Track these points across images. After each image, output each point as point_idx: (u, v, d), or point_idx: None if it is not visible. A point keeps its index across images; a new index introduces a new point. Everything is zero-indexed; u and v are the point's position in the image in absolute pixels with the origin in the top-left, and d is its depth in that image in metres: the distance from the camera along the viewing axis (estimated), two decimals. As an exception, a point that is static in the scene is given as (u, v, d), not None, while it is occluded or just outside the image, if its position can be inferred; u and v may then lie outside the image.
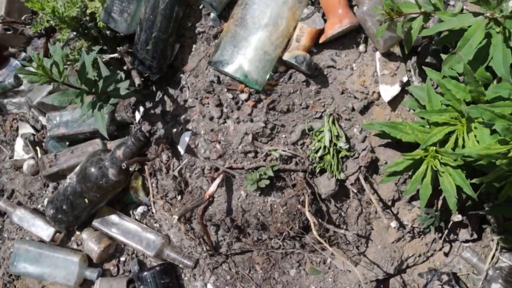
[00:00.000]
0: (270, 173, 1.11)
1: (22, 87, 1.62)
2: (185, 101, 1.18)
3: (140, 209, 1.45)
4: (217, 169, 1.16)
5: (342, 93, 1.13)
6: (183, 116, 1.18)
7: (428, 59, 1.10)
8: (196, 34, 1.16)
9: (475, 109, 0.92)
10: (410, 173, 1.13)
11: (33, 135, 1.65)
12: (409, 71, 1.13)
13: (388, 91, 1.11)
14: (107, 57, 1.12)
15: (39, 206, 1.56)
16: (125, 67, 1.17)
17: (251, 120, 1.12)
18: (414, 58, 1.13)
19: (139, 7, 1.12)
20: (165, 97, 1.21)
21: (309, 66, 1.06)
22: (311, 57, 1.07)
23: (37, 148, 1.60)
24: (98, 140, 1.45)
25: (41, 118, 1.62)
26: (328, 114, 1.12)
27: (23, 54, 1.65)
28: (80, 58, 1.07)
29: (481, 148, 0.87)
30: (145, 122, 1.25)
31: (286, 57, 1.07)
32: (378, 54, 1.12)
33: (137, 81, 1.11)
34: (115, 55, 1.11)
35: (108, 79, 1.06)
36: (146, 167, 1.33)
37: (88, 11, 1.12)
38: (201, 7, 1.15)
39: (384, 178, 1.07)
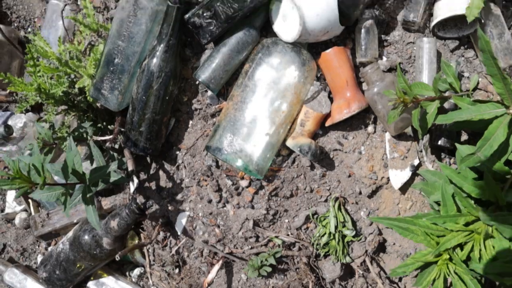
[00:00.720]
0: (272, 261, 1.05)
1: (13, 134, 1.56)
2: (182, 180, 1.11)
3: (137, 271, 1.40)
4: (216, 253, 1.10)
5: (349, 176, 1.05)
6: (179, 196, 1.11)
7: (441, 142, 1.02)
8: (193, 110, 1.08)
9: (490, 219, 0.85)
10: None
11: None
12: (421, 151, 1.06)
13: (398, 177, 1.03)
14: (97, 138, 1.05)
15: (32, 262, 1.51)
16: (116, 145, 1.10)
17: (252, 207, 1.05)
18: (426, 138, 1.05)
19: (131, 83, 1.04)
20: (160, 172, 1.14)
21: (315, 156, 0.98)
22: (316, 144, 0.99)
23: (30, 200, 1.54)
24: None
25: (32, 167, 1.55)
26: (334, 199, 1.05)
27: (14, 97, 1.58)
28: (68, 140, 1.01)
29: (498, 265, 0.80)
30: (139, 195, 1.18)
31: (289, 144, 1.00)
32: (387, 135, 1.05)
33: (130, 166, 1.03)
34: (107, 138, 1.04)
35: (98, 171, 0.99)
36: (142, 235, 1.27)
37: (77, 86, 1.04)
38: (197, 82, 1.07)
39: (392, 272, 1.00)
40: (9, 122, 1.53)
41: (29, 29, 1.59)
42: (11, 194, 1.58)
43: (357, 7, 0.98)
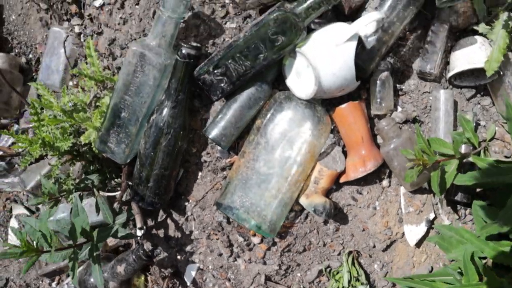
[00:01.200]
0: (284, 316, 1.03)
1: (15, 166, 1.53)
2: (191, 231, 1.08)
3: (144, 310, 1.38)
4: (226, 306, 1.08)
5: (363, 230, 1.03)
6: (189, 247, 1.09)
7: (458, 197, 0.99)
8: (202, 162, 1.05)
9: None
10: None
11: (28, 216, 1.55)
12: (436, 204, 1.03)
13: (413, 233, 1.01)
14: (104, 194, 1.02)
15: (36, 299, 1.49)
16: (123, 197, 1.07)
17: (264, 263, 1.03)
18: (442, 191, 1.02)
19: (138, 136, 1.00)
20: (168, 220, 1.11)
21: (329, 216, 0.96)
22: (331, 203, 0.96)
23: (33, 233, 1.51)
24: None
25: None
26: (347, 253, 1.03)
27: (15, 127, 1.55)
28: (74, 200, 0.98)
29: None
30: (147, 241, 1.16)
31: (303, 203, 0.97)
32: (402, 189, 1.02)
33: (139, 222, 1.01)
34: (114, 195, 1.01)
35: (106, 231, 0.96)
36: (149, 278, 1.25)
37: (83, 141, 1.00)
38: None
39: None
40: (11, 153, 1.50)
41: (30, 55, 1.55)
42: (13, 226, 1.55)
43: (373, 61, 0.95)
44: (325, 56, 0.87)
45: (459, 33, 1.03)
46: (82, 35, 1.25)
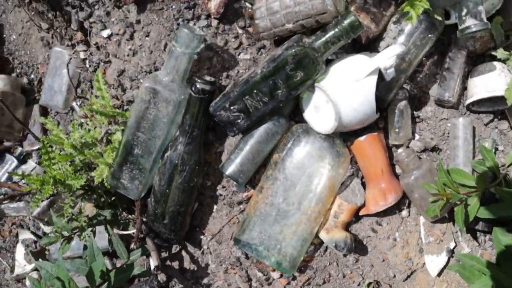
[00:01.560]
0: None
1: (19, 189, 1.50)
2: (207, 265, 1.06)
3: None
4: None
5: (383, 261, 1.02)
6: (205, 280, 1.07)
7: (479, 226, 0.98)
8: (217, 196, 1.02)
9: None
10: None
11: (35, 242, 1.53)
12: (456, 232, 1.02)
13: (434, 263, 1.00)
14: (119, 232, 0.99)
15: (47, 326, 1.46)
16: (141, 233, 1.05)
17: (284, 297, 1.01)
18: (462, 219, 1.01)
19: (151, 171, 0.98)
20: (184, 252, 1.09)
21: (350, 250, 0.94)
22: (351, 237, 0.95)
23: (40, 259, 1.49)
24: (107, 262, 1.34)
25: (41, 225, 1.50)
26: (367, 284, 1.01)
27: (19, 149, 1.52)
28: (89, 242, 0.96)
29: None
30: (161, 272, 1.14)
31: (324, 238, 0.95)
32: (422, 219, 1.00)
33: (155, 260, 0.99)
34: (129, 233, 0.99)
35: (123, 273, 0.94)
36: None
37: (96, 180, 0.98)
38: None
39: None
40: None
41: (32, 76, 1.51)
42: (20, 252, 1.53)
43: (392, 91, 0.93)
44: (345, 92, 0.84)
45: (476, 57, 1.01)
46: (87, 61, 1.21)
